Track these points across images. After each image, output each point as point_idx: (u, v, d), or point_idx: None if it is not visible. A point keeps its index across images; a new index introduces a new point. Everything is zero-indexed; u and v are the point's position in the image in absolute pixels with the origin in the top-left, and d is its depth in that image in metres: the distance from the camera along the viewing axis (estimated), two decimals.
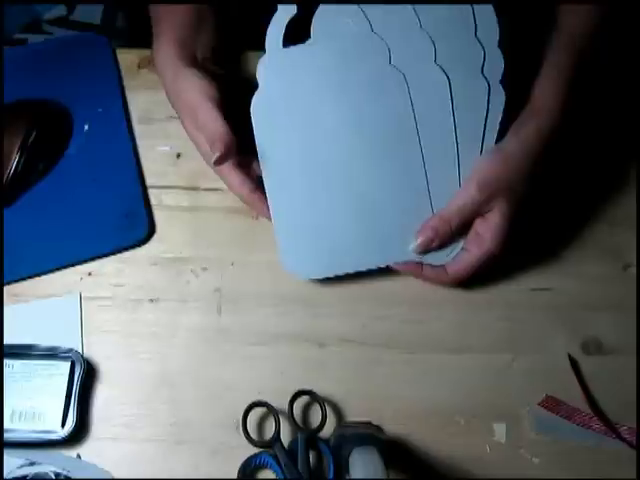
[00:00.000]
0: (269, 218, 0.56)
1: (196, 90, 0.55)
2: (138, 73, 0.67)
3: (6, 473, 0.50)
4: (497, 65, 0.52)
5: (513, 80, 0.53)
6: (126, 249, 0.60)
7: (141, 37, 0.65)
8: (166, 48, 0.58)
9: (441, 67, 0.52)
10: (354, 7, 0.52)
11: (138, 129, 0.64)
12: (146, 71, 0.67)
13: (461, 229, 0.54)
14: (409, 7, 0.52)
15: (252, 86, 0.56)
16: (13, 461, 0.51)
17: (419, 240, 0.54)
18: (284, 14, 0.53)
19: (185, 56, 0.58)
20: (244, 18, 0.73)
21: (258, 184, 0.56)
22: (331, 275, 0.56)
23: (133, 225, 0.60)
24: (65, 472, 0.51)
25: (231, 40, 0.66)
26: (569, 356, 0.57)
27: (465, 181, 0.54)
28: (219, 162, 0.53)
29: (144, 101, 0.65)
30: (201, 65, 0.58)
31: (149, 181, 0.62)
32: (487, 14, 0.52)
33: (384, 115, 0.53)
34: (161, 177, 0.62)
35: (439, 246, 0.54)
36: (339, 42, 0.53)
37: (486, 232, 0.54)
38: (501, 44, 0.52)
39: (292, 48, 0.54)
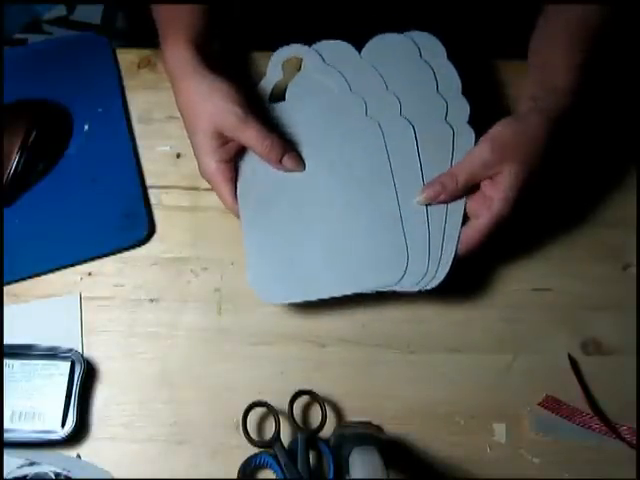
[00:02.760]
0: (221, 193, 0.57)
1: (217, 92, 0.55)
2: (138, 73, 0.67)
3: (6, 473, 0.50)
4: (463, 110, 0.58)
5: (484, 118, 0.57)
6: (126, 249, 0.60)
7: (141, 37, 0.65)
8: (181, 51, 0.57)
9: (407, 119, 0.58)
10: (333, 70, 0.60)
11: (138, 129, 0.64)
12: (146, 71, 0.67)
13: (468, 187, 0.54)
14: (376, 73, 0.59)
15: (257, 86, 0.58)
16: (13, 461, 0.51)
17: (425, 193, 0.54)
18: (272, 78, 0.61)
19: (201, 59, 0.57)
20: (249, 18, 0.73)
21: None
22: (298, 301, 0.55)
23: (133, 225, 0.60)
24: (65, 472, 0.51)
25: (237, 41, 0.66)
26: (569, 356, 0.57)
27: (479, 141, 0.54)
28: (293, 163, 0.56)
29: (144, 101, 0.65)
30: (214, 68, 0.58)
31: (149, 181, 0.62)
32: (447, 71, 0.59)
33: (360, 156, 0.57)
34: (161, 177, 0.62)
35: (445, 201, 0.54)
36: (320, 98, 0.59)
37: (495, 194, 0.53)
38: (464, 91, 0.58)
39: (276, 105, 0.60)
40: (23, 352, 0.53)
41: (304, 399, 0.54)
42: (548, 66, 0.57)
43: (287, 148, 0.56)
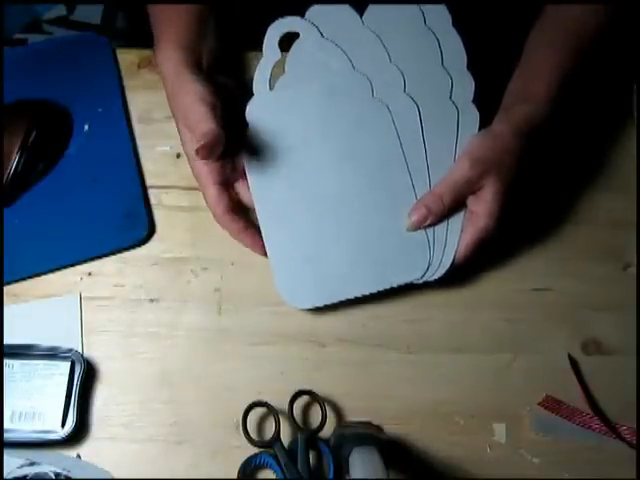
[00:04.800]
0: (242, 241, 0.57)
1: (191, 92, 0.54)
2: (138, 73, 0.67)
3: (6, 473, 0.50)
4: (468, 87, 0.56)
5: (489, 95, 0.56)
6: (126, 249, 0.59)
7: (141, 37, 0.65)
8: (170, 53, 0.57)
9: (410, 96, 0.55)
10: (332, 45, 0.56)
11: (138, 129, 0.64)
12: (146, 71, 0.67)
13: (454, 206, 0.54)
14: (379, 42, 0.56)
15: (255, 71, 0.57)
16: (13, 461, 0.51)
17: (413, 218, 0.54)
18: (269, 60, 0.56)
19: (190, 62, 0.57)
20: (245, 18, 0.73)
21: (237, 207, 0.56)
22: (330, 302, 0.55)
23: (133, 225, 0.60)
24: (65, 472, 0.51)
25: (233, 44, 0.66)
26: (569, 356, 0.57)
27: (457, 158, 0.54)
28: (203, 153, 0.51)
29: (144, 101, 0.65)
30: (206, 73, 0.57)
31: (149, 181, 0.62)
32: (453, 42, 0.56)
33: (371, 143, 0.56)
34: (161, 177, 0.62)
35: (433, 223, 0.54)
36: (323, 80, 0.56)
37: (480, 209, 0.54)
38: (470, 66, 0.55)
39: (278, 90, 0.56)
40: (23, 352, 0.53)
41: (304, 399, 0.54)
42: (530, 70, 0.58)
43: (216, 147, 0.52)
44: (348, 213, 0.56)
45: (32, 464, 0.51)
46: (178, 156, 0.63)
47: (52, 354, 0.54)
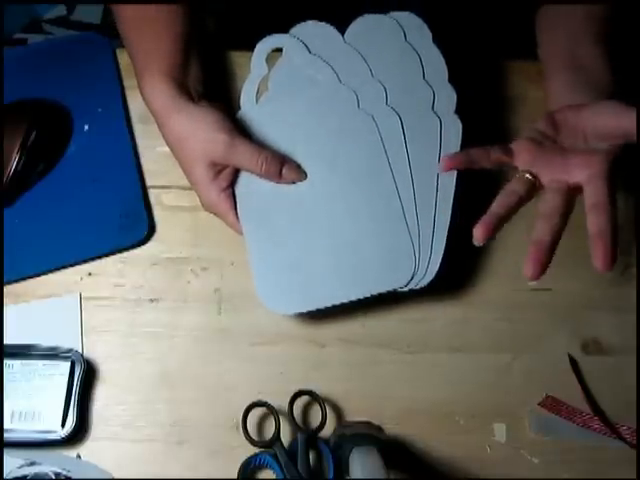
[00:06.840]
0: (234, 223, 0.56)
1: (207, 128, 0.54)
2: None
3: (6, 473, 0.50)
4: (450, 98, 0.56)
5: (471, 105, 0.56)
6: (126, 249, 0.59)
7: None
8: (159, 86, 0.55)
9: (393, 108, 0.56)
10: (320, 61, 0.57)
11: (138, 129, 0.64)
12: None
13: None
14: (361, 58, 0.57)
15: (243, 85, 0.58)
16: (13, 461, 0.51)
17: None
18: (257, 75, 0.58)
19: (180, 91, 0.55)
20: (232, 17, 0.73)
21: (227, 187, 0.56)
22: (310, 309, 0.54)
23: (133, 225, 0.60)
24: (65, 472, 0.51)
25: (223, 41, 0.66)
26: (569, 356, 0.57)
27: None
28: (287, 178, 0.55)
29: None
30: (197, 100, 0.56)
31: (149, 181, 0.62)
32: (433, 56, 0.57)
33: (356, 153, 0.56)
34: (161, 177, 0.62)
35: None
36: (309, 93, 0.57)
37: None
38: (451, 78, 0.57)
39: (265, 103, 0.58)
40: (23, 352, 0.53)
41: (304, 399, 0.54)
42: (583, 65, 0.56)
43: (284, 160, 0.55)
44: (331, 220, 0.55)
45: (32, 464, 0.51)
46: None
47: (52, 354, 0.54)
